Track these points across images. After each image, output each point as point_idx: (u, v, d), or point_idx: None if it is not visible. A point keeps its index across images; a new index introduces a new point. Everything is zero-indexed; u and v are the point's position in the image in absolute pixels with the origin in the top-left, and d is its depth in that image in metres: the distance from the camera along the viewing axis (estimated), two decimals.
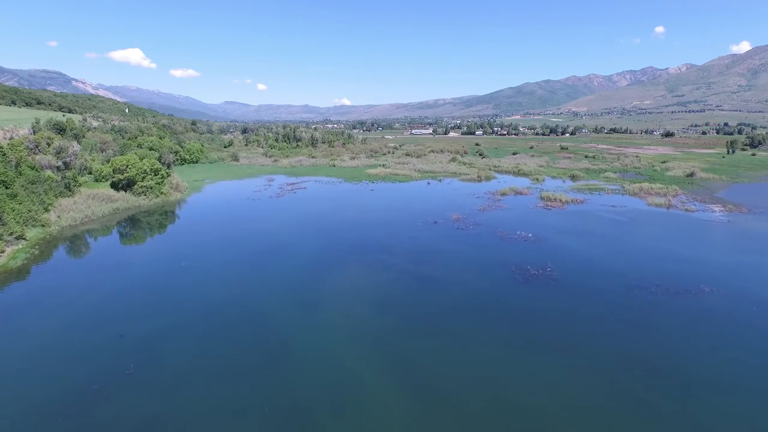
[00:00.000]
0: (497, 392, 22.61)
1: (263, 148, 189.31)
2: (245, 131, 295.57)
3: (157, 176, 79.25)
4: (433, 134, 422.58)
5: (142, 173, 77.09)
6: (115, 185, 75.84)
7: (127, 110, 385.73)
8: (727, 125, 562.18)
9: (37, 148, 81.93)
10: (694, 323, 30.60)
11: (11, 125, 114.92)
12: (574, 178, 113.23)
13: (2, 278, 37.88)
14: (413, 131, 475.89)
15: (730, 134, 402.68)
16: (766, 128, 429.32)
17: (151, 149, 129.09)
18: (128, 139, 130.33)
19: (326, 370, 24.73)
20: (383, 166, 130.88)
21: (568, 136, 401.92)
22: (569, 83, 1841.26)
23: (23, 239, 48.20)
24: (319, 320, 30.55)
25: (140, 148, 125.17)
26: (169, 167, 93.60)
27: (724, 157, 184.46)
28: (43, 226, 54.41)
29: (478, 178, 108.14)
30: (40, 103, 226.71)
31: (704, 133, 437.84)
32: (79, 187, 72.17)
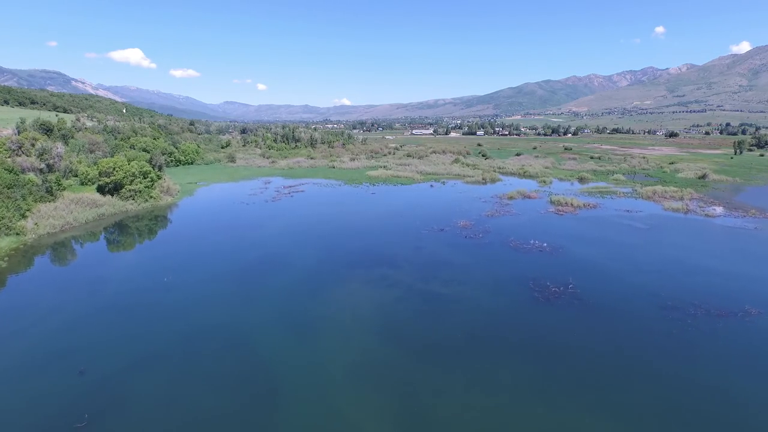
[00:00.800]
0: None
1: (261, 148, 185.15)
2: (244, 131, 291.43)
3: (146, 179, 75.09)
4: (433, 134, 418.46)
5: (130, 176, 72.93)
6: (101, 189, 71.66)
7: (124, 110, 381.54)
8: (729, 125, 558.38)
9: (20, 149, 77.77)
10: (751, 356, 26.44)
11: None
12: (582, 180, 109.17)
13: None
14: (414, 131, 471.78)
15: (733, 134, 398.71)
16: None
17: (144, 150, 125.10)
18: (120, 139, 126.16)
19: (320, 418, 20.61)
20: (384, 167, 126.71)
21: (570, 136, 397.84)
22: (569, 83, 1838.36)
23: None
24: (314, 352, 26.40)
25: (133, 149, 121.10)
26: (160, 169, 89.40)
27: (732, 158, 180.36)
28: (17, 234, 50.27)
29: (483, 180, 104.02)
30: (34, 102, 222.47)
31: (707, 133, 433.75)
32: (62, 191, 68.01)
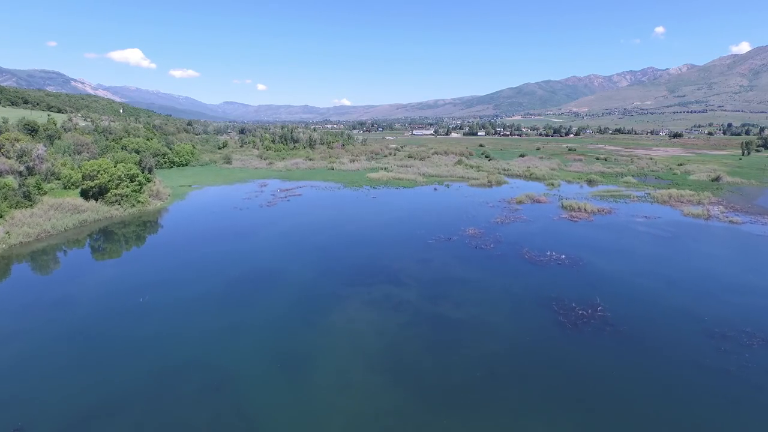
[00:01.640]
0: None
1: (259, 149, 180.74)
2: (242, 132, 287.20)
3: (133, 183, 70.74)
4: (434, 135, 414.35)
5: (116, 180, 68.60)
6: (85, 193, 67.32)
7: (122, 110, 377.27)
8: (731, 126, 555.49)
9: (0, 150, 73.49)
10: None
11: None
12: (591, 183, 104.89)
13: None
14: (414, 132, 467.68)
15: (737, 135, 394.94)
16: None
17: (136, 151, 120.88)
18: (112, 140, 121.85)
19: None
20: (385, 169, 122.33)
21: (572, 136, 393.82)
22: (569, 84, 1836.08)
23: None
24: (308, 398, 22.06)
25: (125, 150, 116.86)
26: (150, 172, 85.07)
27: (740, 158, 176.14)
28: None
29: (488, 182, 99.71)
30: (27, 102, 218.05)
31: (710, 133, 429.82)
32: (42, 195, 63.71)
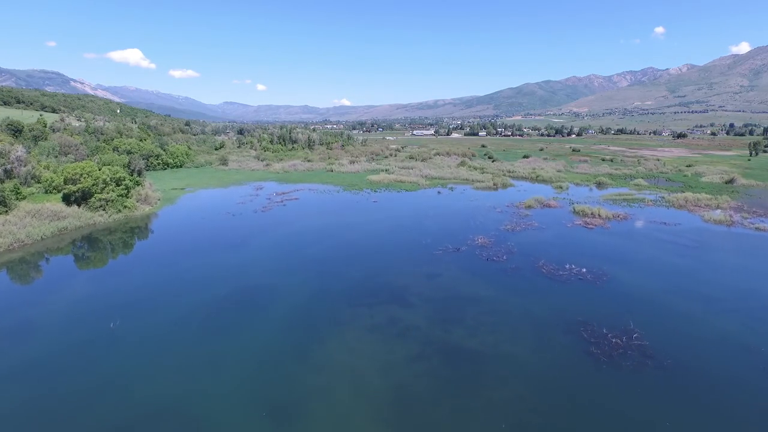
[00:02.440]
0: None
1: (256, 150, 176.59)
2: (241, 132, 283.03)
3: (119, 187, 66.66)
4: (435, 135, 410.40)
5: (101, 183, 64.51)
6: (67, 198, 63.20)
7: (119, 110, 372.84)
8: (732, 126, 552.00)
9: None
10: None
11: None
12: (600, 185, 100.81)
13: None
14: (415, 132, 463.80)
15: (740, 135, 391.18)
16: None
17: (129, 153, 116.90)
18: (103, 141, 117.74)
19: None
20: (386, 171, 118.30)
21: (574, 137, 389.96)
22: (569, 84, 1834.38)
23: None
24: None
25: (116, 151, 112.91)
26: (140, 174, 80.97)
27: (749, 159, 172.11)
28: None
29: (494, 185, 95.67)
30: (20, 102, 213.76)
31: (713, 134, 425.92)
32: (20, 200, 59.63)
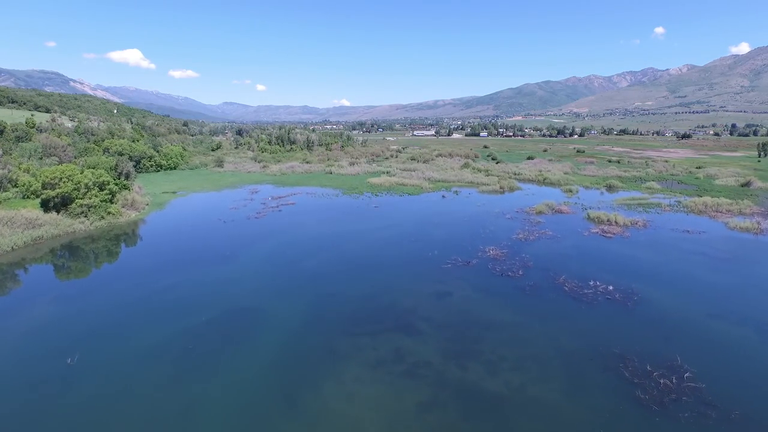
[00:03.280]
0: None
1: (254, 151, 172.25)
2: (239, 132, 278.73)
3: (103, 191, 62.35)
4: (435, 136, 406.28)
5: (83, 188, 60.21)
6: (45, 204, 58.88)
7: (115, 111, 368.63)
8: (735, 126, 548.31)
9: None
10: None
11: None
12: (611, 189, 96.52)
13: None
14: (415, 132, 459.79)
15: (745, 135, 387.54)
16: None
17: (120, 154, 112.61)
18: (94, 142, 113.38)
19: None
20: (387, 173, 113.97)
21: (576, 137, 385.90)
22: (569, 84, 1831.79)
23: None
24: None
25: (107, 152, 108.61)
26: (127, 178, 76.66)
27: (759, 160, 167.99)
28: None
29: (500, 189, 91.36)
30: (13, 102, 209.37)
31: (717, 134, 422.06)
32: None
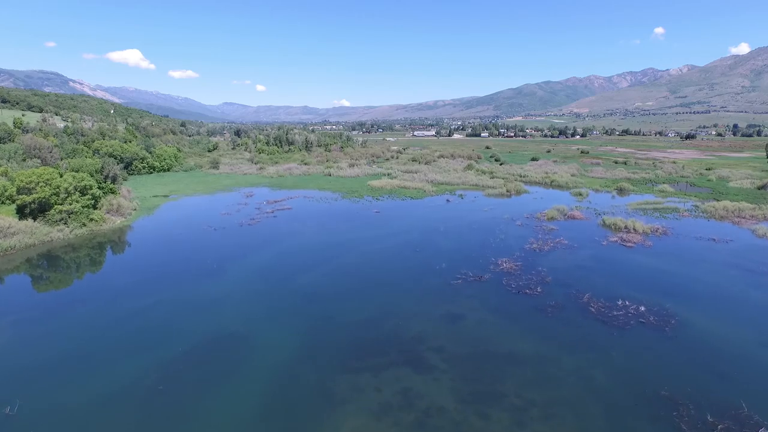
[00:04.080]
0: None
1: (251, 152, 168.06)
2: (238, 133, 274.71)
3: (85, 196, 58.16)
4: (436, 136, 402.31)
5: (63, 193, 56.04)
6: (22, 210, 54.69)
7: (112, 111, 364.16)
8: (737, 127, 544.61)
9: None
10: None
11: None
12: (622, 192, 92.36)
13: None
14: (415, 133, 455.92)
15: (748, 136, 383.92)
16: None
17: (111, 155, 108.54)
18: (83, 143, 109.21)
19: None
20: (388, 175, 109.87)
21: (578, 138, 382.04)
22: (569, 84, 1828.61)
23: None
24: None
25: (97, 154, 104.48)
26: (114, 181, 72.48)
27: None
28: None
29: (507, 192, 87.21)
30: (5, 101, 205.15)
31: (720, 134, 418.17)
32: None
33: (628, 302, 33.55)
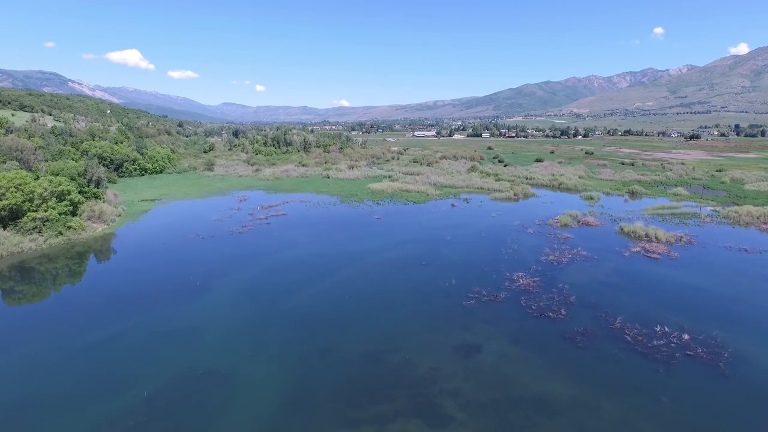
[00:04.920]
0: None
1: (247, 153, 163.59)
2: (236, 133, 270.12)
3: (62, 202, 53.77)
4: (437, 136, 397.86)
5: (37, 199, 51.65)
6: None
7: (108, 111, 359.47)
8: (738, 127, 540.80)
9: None
10: None
11: None
12: (634, 195, 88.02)
13: None
14: (416, 133, 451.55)
15: (753, 136, 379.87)
16: None
17: (100, 157, 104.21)
18: (71, 144, 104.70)
19: None
20: (389, 177, 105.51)
21: (581, 138, 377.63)
22: (569, 84, 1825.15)
23: None
24: None
25: (85, 155, 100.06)
26: (98, 185, 68.06)
27: None
28: None
29: (514, 196, 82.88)
30: None
31: (723, 134, 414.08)
32: None
33: (667, 328, 29.20)
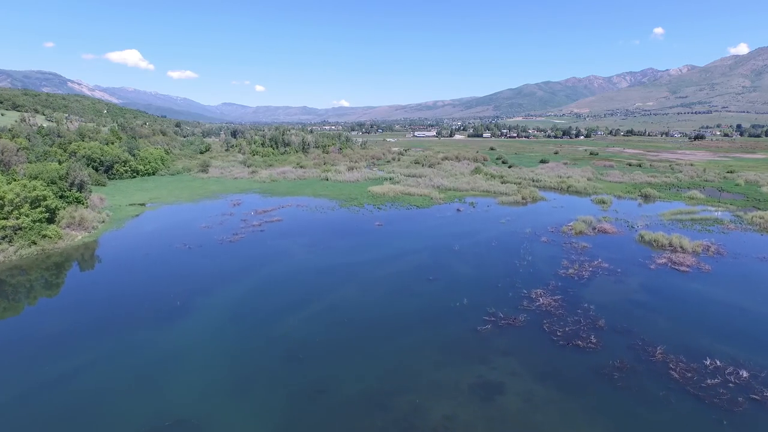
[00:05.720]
0: None
1: (245, 154, 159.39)
2: (234, 133, 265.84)
3: (37, 209, 49.60)
4: (437, 137, 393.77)
5: (9, 205, 47.48)
6: None
7: (105, 111, 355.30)
8: (740, 127, 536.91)
9: None
10: None
11: None
12: (647, 198, 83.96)
13: None
14: (416, 133, 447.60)
15: (756, 137, 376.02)
16: None
17: (90, 158, 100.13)
18: (58, 145, 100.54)
19: None
20: (390, 179, 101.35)
21: (583, 138, 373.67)
22: (569, 84, 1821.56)
23: None
24: None
25: (73, 156, 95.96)
26: (81, 189, 63.88)
27: None
28: None
29: (522, 199, 78.71)
30: None
31: (726, 134, 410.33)
32: None
33: (719, 362, 25.08)
